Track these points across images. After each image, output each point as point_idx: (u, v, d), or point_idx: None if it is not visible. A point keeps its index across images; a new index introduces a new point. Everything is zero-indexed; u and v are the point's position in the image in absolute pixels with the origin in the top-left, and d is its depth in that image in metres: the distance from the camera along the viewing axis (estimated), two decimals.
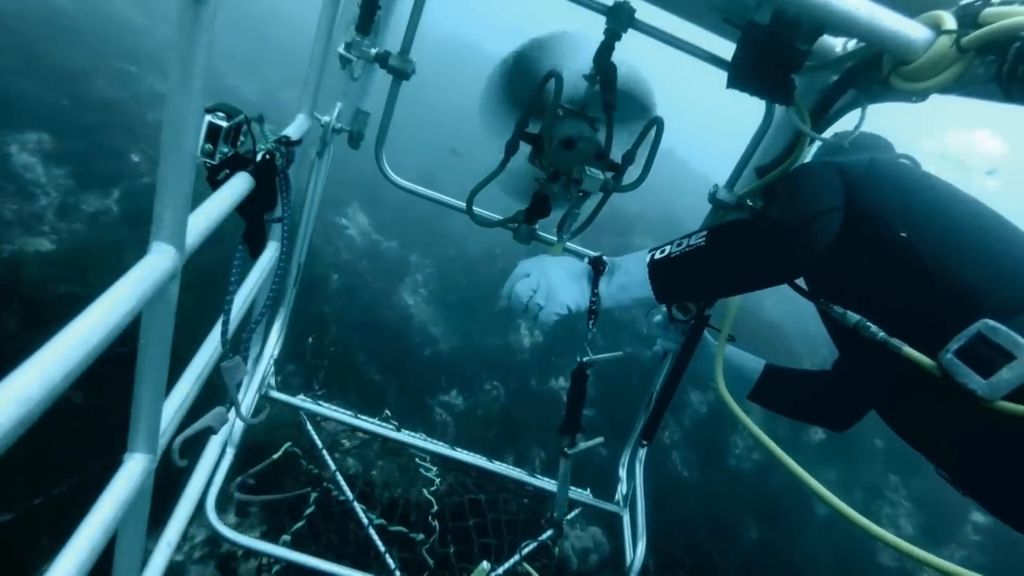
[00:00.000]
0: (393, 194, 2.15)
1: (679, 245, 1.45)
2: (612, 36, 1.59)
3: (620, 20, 1.57)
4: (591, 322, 1.53)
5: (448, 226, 9.33)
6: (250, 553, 1.91)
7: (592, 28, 1.64)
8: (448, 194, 2.08)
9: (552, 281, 1.52)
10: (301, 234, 2.07)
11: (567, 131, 1.58)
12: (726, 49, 1.55)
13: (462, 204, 1.93)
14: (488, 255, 9.36)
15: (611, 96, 1.64)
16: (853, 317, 1.42)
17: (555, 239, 1.85)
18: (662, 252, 1.47)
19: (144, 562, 1.34)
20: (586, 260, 1.58)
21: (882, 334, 1.36)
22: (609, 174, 1.67)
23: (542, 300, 1.50)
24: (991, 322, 1.22)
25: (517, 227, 1.87)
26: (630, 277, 1.50)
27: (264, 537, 1.95)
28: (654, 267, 1.46)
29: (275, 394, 2.28)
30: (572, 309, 1.50)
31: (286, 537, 2.15)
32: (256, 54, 13.40)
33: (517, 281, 1.55)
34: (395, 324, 7.38)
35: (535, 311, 1.51)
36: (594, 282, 1.52)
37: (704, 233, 1.43)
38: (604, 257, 1.56)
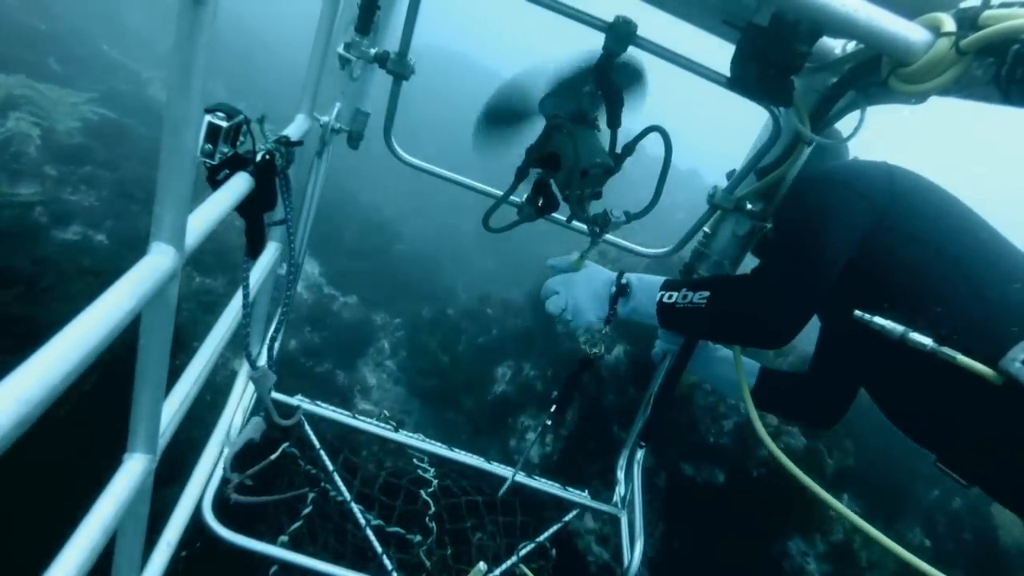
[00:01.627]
0: (354, 233, 2.13)
1: (684, 297, 1.63)
2: (610, 55, 1.56)
3: (619, 38, 1.51)
4: (606, 326, 1.78)
5: (425, 272, 7.54)
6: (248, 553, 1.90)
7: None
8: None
9: (578, 301, 1.78)
10: (300, 235, 2.07)
11: (582, 164, 1.57)
12: (725, 53, 1.55)
13: (477, 184, 2.03)
14: (476, 315, 7.23)
15: (617, 114, 1.65)
16: (897, 328, 1.46)
17: (563, 220, 1.95)
18: (669, 298, 1.66)
19: (144, 562, 1.34)
20: (612, 283, 1.77)
21: (931, 344, 1.40)
22: (623, 216, 1.76)
23: (570, 316, 1.78)
24: None
25: (527, 215, 1.85)
26: (643, 307, 1.72)
27: (262, 538, 1.94)
28: (661, 308, 1.68)
29: (273, 394, 2.27)
30: (593, 324, 1.78)
31: (284, 538, 2.14)
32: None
33: (548, 298, 1.81)
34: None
35: (566, 322, 1.80)
36: (613, 299, 1.75)
37: (707, 293, 1.58)
38: (625, 276, 1.76)
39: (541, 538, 2.48)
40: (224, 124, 1.18)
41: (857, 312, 1.54)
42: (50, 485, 3.05)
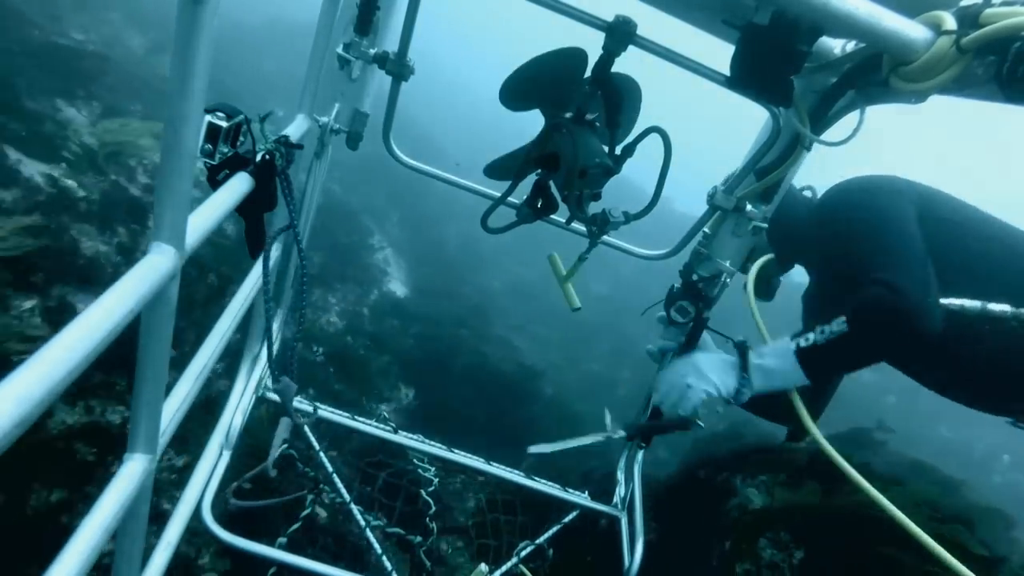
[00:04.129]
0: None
1: (821, 333, 1.58)
2: (610, 55, 1.55)
3: (619, 38, 1.50)
4: (734, 402, 1.71)
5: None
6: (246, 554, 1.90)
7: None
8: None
9: (702, 366, 1.73)
10: (299, 235, 2.07)
11: (581, 164, 1.57)
12: (725, 53, 1.54)
13: (475, 185, 2.01)
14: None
15: (616, 113, 1.65)
16: (975, 304, 1.58)
17: (561, 221, 1.92)
18: (807, 341, 1.60)
19: (144, 562, 1.33)
20: (733, 356, 1.74)
21: (1011, 309, 1.54)
22: (622, 216, 1.73)
23: (692, 381, 1.71)
24: None
25: (524, 215, 1.84)
26: (778, 367, 1.65)
27: (261, 539, 1.94)
28: (804, 356, 1.60)
29: (272, 395, 2.27)
30: (721, 391, 1.68)
31: (282, 539, 2.14)
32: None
33: (669, 372, 1.79)
34: None
35: (684, 391, 1.71)
36: (743, 365, 1.69)
37: (843, 319, 1.55)
38: (743, 341, 1.74)
39: (541, 539, 2.47)
40: (224, 124, 1.18)
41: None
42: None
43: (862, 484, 1.61)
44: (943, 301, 1.59)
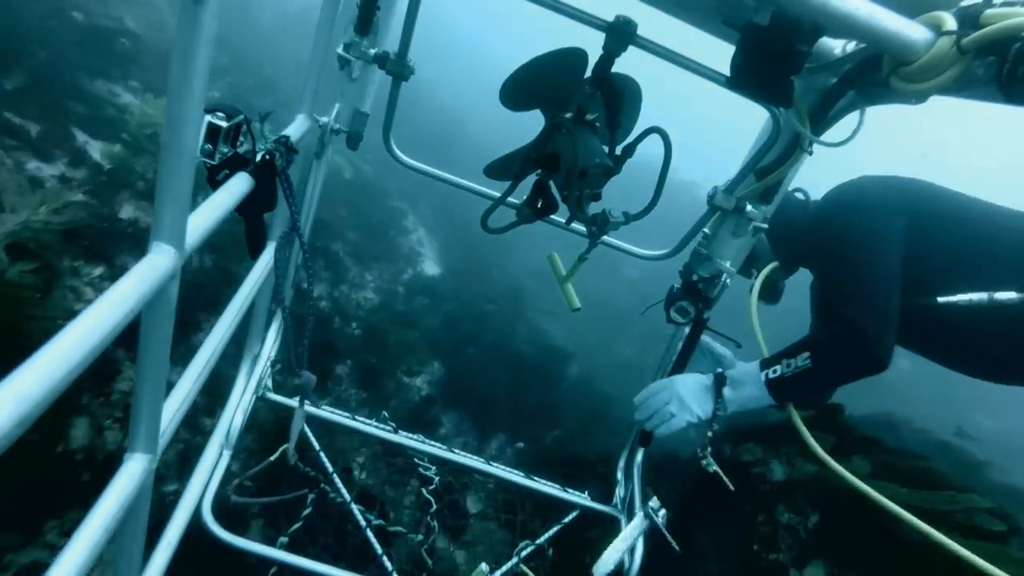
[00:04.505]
0: None
1: (788, 366, 1.79)
2: (610, 55, 1.55)
3: (619, 38, 1.50)
4: (713, 426, 1.87)
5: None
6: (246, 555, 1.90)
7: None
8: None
9: (683, 395, 1.88)
10: (299, 236, 2.07)
11: (581, 164, 1.57)
12: (725, 53, 1.54)
13: (475, 185, 2.03)
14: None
15: (616, 114, 1.65)
16: (983, 296, 1.82)
17: (561, 221, 1.93)
18: (775, 372, 1.81)
19: (144, 562, 1.33)
20: (709, 376, 1.91)
21: (1017, 295, 1.77)
22: (622, 217, 1.73)
23: (675, 409, 1.87)
24: None
25: (524, 215, 1.84)
26: (751, 393, 1.85)
27: (262, 539, 1.94)
28: (772, 385, 1.82)
29: (271, 396, 2.27)
30: (701, 417, 1.86)
31: (283, 539, 2.14)
32: None
33: (651, 397, 1.92)
34: None
35: (667, 418, 1.87)
36: (717, 391, 1.86)
37: (806, 354, 1.76)
38: (721, 371, 1.90)
39: (541, 539, 2.47)
40: (224, 124, 1.18)
41: (941, 299, 1.88)
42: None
43: (857, 485, 1.77)
44: (957, 298, 1.85)
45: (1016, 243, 1.87)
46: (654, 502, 2.07)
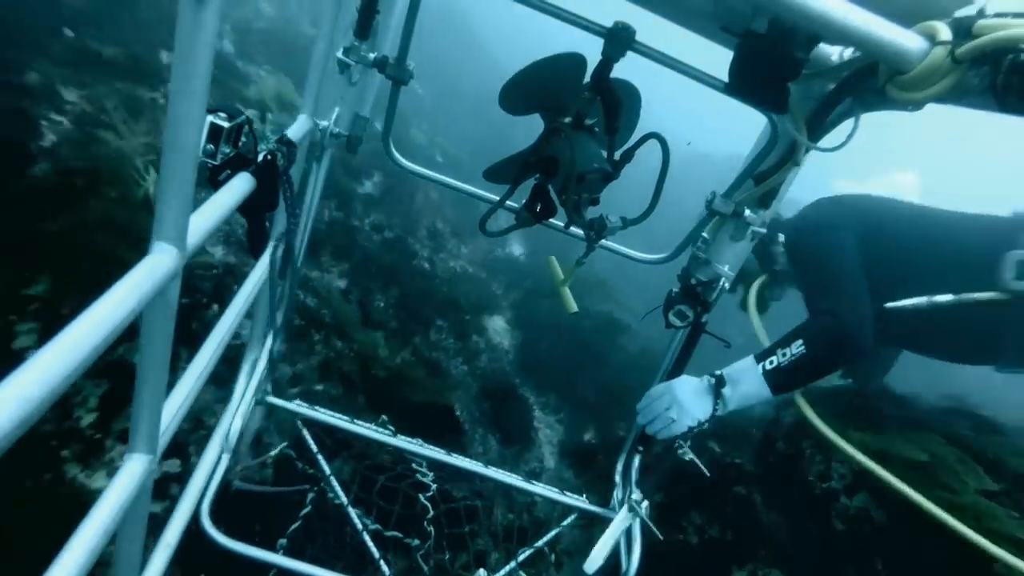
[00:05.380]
0: None
1: (784, 355, 1.92)
2: (609, 60, 1.56)
3: (617, 44, 1.52)
4: (704, 424, 1.95)
5: None
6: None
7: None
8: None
9: (682, 400, 1.95)
10: (299, 237, 2.08)
11: (579, 169, 1.58)
12: (724, 59, 1.55)
13: (471, 188, 2.04)
14: None
15: (615, 119, 1.66)
16: (922, 300, 2.19)
17: (560, 225, 1.92)
18: (772, 363, 1.93)
19: (144, 562, 1.34)
20: (705, 378, 1.99)
21: (952, 298, 2.14)
22: (620, 222, 1.74)
23: (675, 415, 1.94)
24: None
25: (523, 219, 1.85)
26: (750, 387, 1.94)
27: (259, 542, 1.94)
28: (770, 376, 1.92)
29: (271, 399, 2.27)
30: (701, 420, 1.93)
31: (282, 540, 2.14)
32: None
33: (651, 402, 2.00)
34: None
35: (668, 423, 1.95)
36: (716, 394, 1.94)
37: (800, 341, 1.92)
38: (719, 373, 1.98)
39: (540, 543, 2.47)
40: (226, 125, 1.19)
41: (888, 305, 2.20)
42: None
43: (866, 463, 2.06)
44: (902, 303, 2.21)
45: (955, 248, 2.26)
46: (636, 494, 2.16)
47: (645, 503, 2.13)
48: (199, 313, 2.92)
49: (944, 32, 1.21)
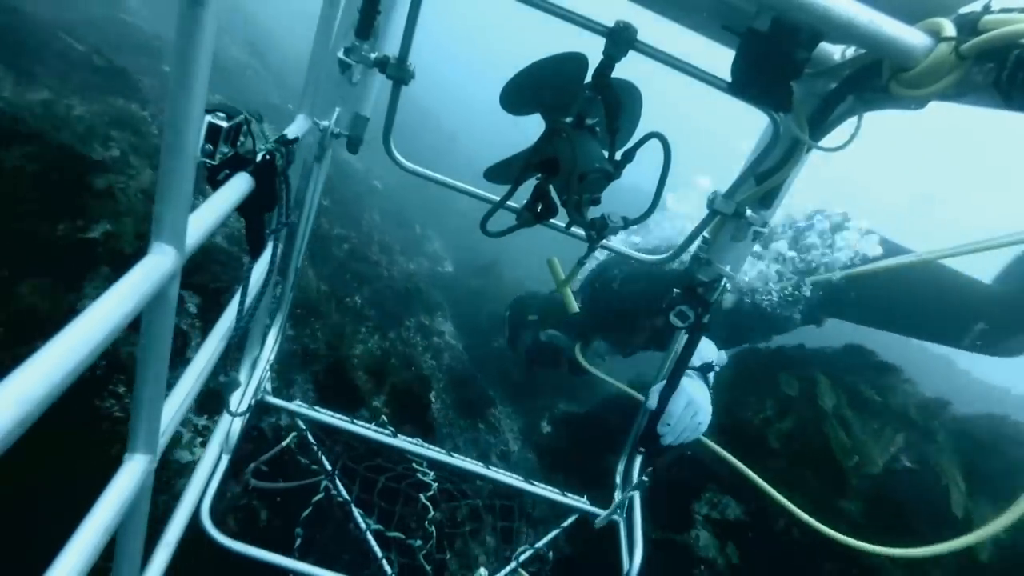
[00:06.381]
0: None
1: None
2: (611, 60, 1.55)
3: (619, 43, 1.51)
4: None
5: None
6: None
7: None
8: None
9: (700, 403, 2.20)
10: (299, 238, 2.07)
11: (580, 169, 1.57)
12: (726, 58, 1.55)
13: (474, 189, 2.03)
14: None
15: (616, 118, 1.65)
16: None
17: (561, 225, 1.90)
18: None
19: (144, 562, 1.33)
20: (695, 374, 2.30)
21: None
22: (621, 221, 1.72)
23: (701, 418, 2.20)
24: None
25: (524, 219, 1.84)
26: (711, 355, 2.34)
27: (260, 543, 1.94)
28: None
29: (271, 399, 2.27)
30: (711, 412, 2.24)
31: (299, 530, 2.15)
32: None
33: (679, 415, 2.17)
34: None
35: (696, 427, 2.19)
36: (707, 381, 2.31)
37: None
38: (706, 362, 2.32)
39: (540, 544, 2.47)
40: (224, 124, 1.18)
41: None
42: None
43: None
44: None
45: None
46: (637, 496, 2.36)
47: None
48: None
49: (949, 28, 1.21)
